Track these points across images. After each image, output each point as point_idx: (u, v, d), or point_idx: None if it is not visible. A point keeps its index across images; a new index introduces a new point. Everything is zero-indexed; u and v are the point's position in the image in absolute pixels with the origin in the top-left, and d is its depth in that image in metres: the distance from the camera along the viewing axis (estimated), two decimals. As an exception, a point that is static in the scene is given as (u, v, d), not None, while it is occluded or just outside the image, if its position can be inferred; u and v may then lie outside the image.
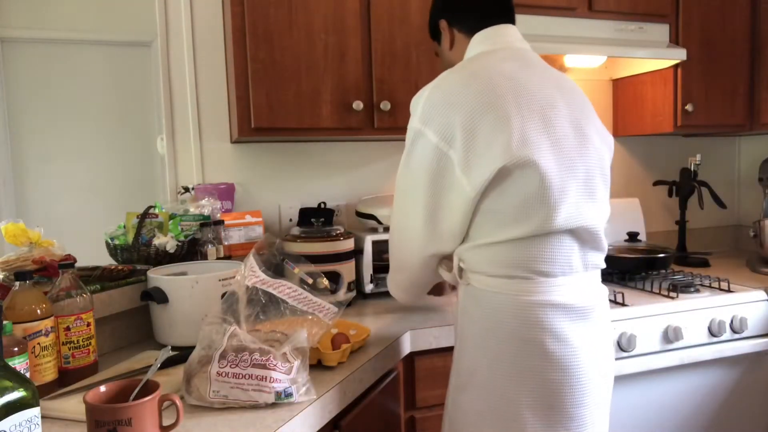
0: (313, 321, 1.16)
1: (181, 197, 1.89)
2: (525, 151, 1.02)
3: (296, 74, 1.69)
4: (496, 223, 1.06)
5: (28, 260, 1.30)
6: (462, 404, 1.14)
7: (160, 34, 1.90)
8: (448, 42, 1.29)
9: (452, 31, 1.27)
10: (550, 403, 1.07)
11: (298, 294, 1.15)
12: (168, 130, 1.93)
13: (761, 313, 1.79)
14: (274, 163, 2.04)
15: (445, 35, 1.29)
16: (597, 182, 1.12)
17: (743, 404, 1.83)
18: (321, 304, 1.17)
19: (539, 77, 1.12)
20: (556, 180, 1.04)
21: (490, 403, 1.09)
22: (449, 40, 1.28)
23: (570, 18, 1.93)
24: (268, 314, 1.13)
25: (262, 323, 1.14)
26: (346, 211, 2.10)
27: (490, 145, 1.02)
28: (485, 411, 1.10)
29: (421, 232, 1.14)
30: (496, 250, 1.07)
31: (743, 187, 2.64)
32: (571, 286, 1.09)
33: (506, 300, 1.07)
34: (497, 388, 1.08)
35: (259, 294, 1.12)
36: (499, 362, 1.08)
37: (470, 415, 1.12)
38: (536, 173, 1.03)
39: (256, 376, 0.99)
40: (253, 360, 1.00)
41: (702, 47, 2.11)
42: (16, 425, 0.74)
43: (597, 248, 1.13)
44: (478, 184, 1.03)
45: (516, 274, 1.07)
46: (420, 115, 1.10)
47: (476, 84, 1.07)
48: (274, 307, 1.13)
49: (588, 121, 1.14)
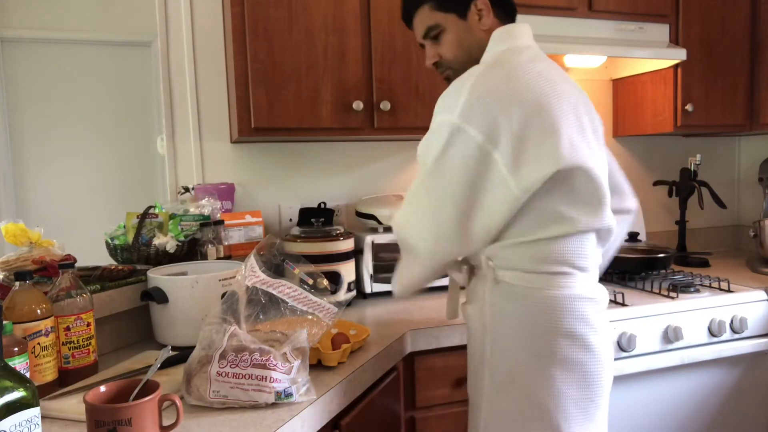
0: (313, 321, 1.16)
1: (181, 197, 1.89)
2: (575, 155, 1.04)
3: (296, 74, 1.69)
4: (540, 221, 1.07)
5: (28, 260, 1.30)
6: (501, 404, 1.12)
7: (160, 34, 1.90)
8: (484, 20, 1.18)
9: (492, 11, 1.19)
10: (591, 396, 1.09)
11: (298, 294, 1.15)
12: (168, 130, 1.93)
13: (761, 313, 1.79)
14: (274, 163, 2.04)
15: (486, 12, 1.18)
16: (607, 182, 1.15)
17: (743, 404, 1.83)
18: (321, 304, 1.17)
19: (565, 79, 1.14)
20: (603, 182, 1.09)
21: (534, 399, 1.08)
22: (487, 19, 1.18)
23: (570, 18, 1.93)
24: (268, 314, 1.13)
25: (262, 323, 1.14)
26: (346, 211, 2.10)
27: (539, 147, 1.02)
28: (529, 408, 1.09)
29: (449, 232, 1.10)
30: (537, 246, 1.08)
31: (743, 187, 2.64)
32: (595, 280, 1.15)
33: (548, 295, 1.08)
34: (542, 385, 1.08)
35: (259, 294, 1.12)
36: (541, 358, 1.08)
37: (513, 414, 1.11)
38: (587, 176, 1.06)
39: (256, 376, 0.99)
40: (253, 360, 1.00)
41: (702, 47, 2.11)
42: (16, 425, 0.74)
43: (604, 245, 1.18)
44: (529, 185, 1.03)
45: (557, 269, 1.08)
46: (461, 110, 1.04)
47: (519, 83, 1.05)
48: (274, 307, 1.13)
49: (599, 122, 1.18)
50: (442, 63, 1.25)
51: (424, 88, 1.80)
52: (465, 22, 1.19)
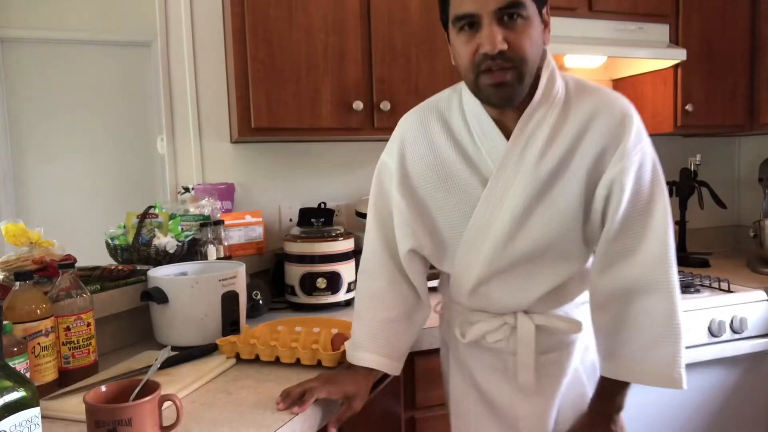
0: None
1: (181, 197, 1.89)
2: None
3: (296, 74, 1.68)
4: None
5: (28, 260, 1.30)
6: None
7: (160, 34, 1.90)
8: (548, 34, 1.00)
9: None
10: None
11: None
12: (168, 130, 1.93)
13: (761, 313, 1.79)
14: (274, 163, 2.04)
15: (549, 26, 1.00)
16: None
17: (743, 404, 1.83)
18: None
19: None
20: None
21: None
22: (549, 34, 1.01)
23: (570, 18, 1.93)
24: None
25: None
26: (346, 211, 2.10)
27: None
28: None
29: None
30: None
31: (743, 187, 2.64)
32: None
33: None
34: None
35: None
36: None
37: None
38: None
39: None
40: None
41: (702, 47, 2.11)
42: (16, 425, 0.74)
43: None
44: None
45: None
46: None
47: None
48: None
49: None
50: (509, 56, 0.93)
51: (424, 88, 1.79)
52: (540, 23, 0.97)
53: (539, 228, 1.01)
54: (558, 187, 1.00)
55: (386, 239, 1.13)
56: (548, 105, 1.00)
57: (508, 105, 0.98)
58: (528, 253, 1.03)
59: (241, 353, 1.25)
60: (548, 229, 1.01)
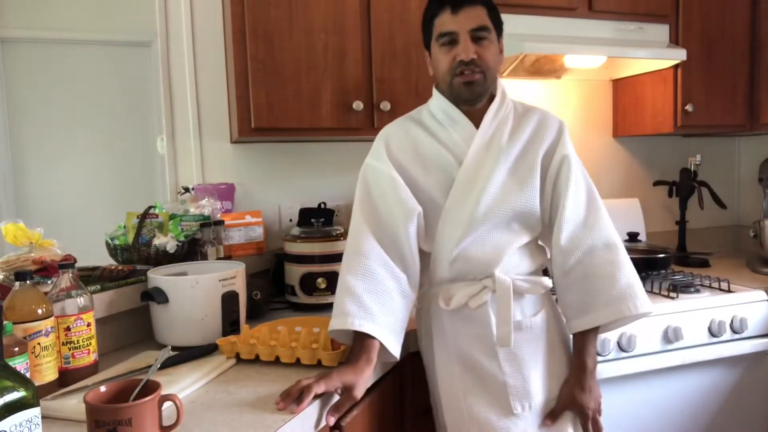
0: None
1: (181, 197, 1.88)
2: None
3: (296, 74, 1.68)
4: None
5: (28, 260, 1.30)
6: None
7: (160, 34, 1.90)
8: (503, 58, 1.36)
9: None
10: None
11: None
12: (168, 130, 1.93)
13: (761, 314, 1.79)
14: (274, 163, 2.04)
15: (503, 54, 1.34)
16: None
17: (743, 404, 1.83)
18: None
19: None
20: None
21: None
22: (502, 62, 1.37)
23: (570, 18, 1.93)
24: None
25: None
26: (346, 211, 2.10)
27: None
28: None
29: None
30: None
31: (743, 187, 2.64)
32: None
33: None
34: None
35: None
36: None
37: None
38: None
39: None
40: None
41: (702, 47, 2.11)
42: (16, 425, 0.74)
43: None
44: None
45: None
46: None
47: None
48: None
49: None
50: (478, 63, 1.23)
51: (424, 88, 1.79)
52: (497, 47, 1.28)
53: (511, 195, 1.24)
54: (524, 164, 1.26)
55: (376, 233, 1.24)
56: (505, 108, 1.30)
57: (476, 100, 1.27)
58: (500, 215, 1.24)
59: (241, 353, 1.25)
60: (517, 196, 1.24)
